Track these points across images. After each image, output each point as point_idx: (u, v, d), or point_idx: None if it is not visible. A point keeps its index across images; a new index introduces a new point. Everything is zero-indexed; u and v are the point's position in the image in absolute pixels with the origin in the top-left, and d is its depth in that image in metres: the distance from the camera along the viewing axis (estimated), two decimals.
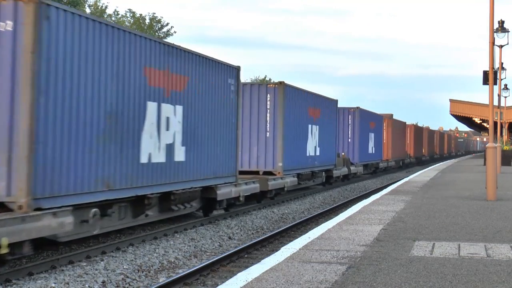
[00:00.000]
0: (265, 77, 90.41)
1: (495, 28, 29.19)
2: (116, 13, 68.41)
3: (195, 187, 17.45)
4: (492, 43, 21.11)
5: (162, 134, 15.46)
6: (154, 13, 70.32)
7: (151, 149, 14.93)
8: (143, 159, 14.63)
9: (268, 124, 24.58)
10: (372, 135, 44.28)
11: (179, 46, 16.61)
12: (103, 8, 65.35)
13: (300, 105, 27.16)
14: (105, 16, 63.62)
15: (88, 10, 60.78)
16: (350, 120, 39.02)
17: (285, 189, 25.33)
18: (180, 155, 16.40)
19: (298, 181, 27.57)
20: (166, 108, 15.65)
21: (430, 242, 10.95)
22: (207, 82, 18.03)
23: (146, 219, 16.16)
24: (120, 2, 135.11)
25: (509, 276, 8.36)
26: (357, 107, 39.58)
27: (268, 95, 24.65)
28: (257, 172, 24.29)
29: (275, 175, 24.32)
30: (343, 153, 37.13)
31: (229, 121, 19.58)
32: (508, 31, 31.86)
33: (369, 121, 43.17)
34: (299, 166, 27.12)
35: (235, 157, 20.03)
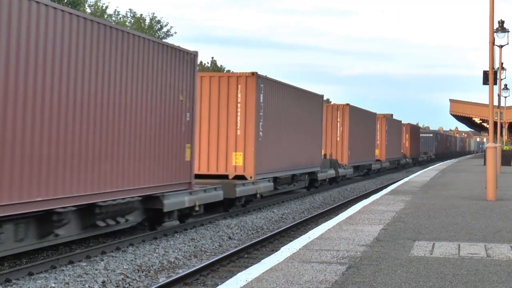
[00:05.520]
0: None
1: (495, 28, 29.18)
2: (116, 13, 68.41)
3: None
4: (492, 43, 21.10)
5: None
6: (153, 13, 70.42)
7: None
8: None
9: None
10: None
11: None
12: (104, 8, 65.30)
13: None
14: (105, 16, 63.54)
15: (88, 10, 60.69)
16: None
17: None
18: None
19: None
20: None
21: (430, 242, 10.95)
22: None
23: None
24: (121, 2, 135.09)
25: (509, 276, 8.36)
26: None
27: None
28: None
29: None
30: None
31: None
32: (508, 31, 31.86)
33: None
34: None
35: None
